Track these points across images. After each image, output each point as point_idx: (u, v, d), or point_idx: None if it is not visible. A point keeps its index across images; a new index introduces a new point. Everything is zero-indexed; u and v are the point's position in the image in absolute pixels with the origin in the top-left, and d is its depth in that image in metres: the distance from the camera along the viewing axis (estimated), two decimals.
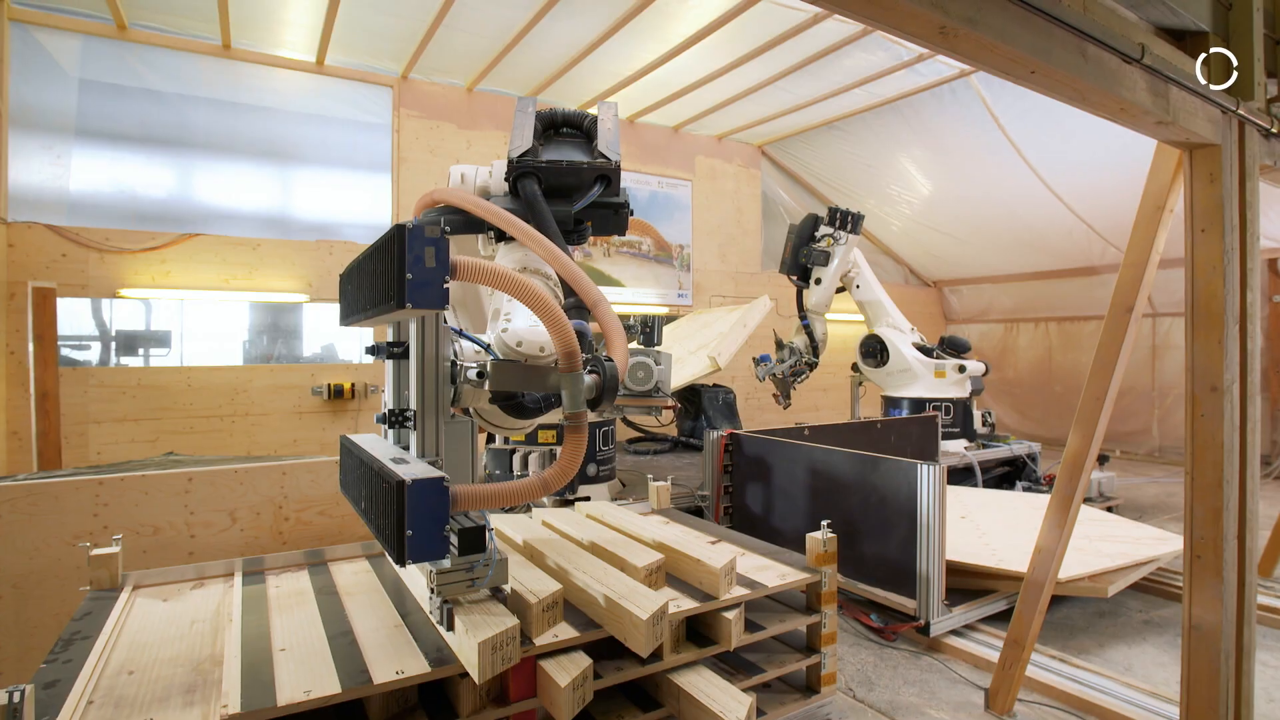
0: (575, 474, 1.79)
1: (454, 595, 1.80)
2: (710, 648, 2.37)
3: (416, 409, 1.90)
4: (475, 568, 1.76)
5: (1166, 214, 2.30)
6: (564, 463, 1.76)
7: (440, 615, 1.78)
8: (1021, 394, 11.03)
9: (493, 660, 1.67)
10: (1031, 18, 1.52)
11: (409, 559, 1.51)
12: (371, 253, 1.75)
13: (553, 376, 1.82)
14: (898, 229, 10.84)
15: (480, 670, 1.65)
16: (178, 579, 2.63)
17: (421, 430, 1.90)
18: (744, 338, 6.51)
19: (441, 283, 1.51)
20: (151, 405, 6.06)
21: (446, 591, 1.77)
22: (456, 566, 1.77)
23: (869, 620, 3.79)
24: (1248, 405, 2.19)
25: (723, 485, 4.83)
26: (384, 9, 6.09)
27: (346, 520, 3.51)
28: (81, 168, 6.04)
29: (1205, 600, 2.19)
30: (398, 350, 1.99)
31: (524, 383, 1.89)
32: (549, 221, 2.23)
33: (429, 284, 1.48)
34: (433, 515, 1.52)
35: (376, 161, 7.45)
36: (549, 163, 2.32)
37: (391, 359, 2.00)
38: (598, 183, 2.36)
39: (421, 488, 1.50)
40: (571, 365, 1.74)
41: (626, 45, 6.74)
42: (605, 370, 1.78)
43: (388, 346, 2.00)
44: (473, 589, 1.79)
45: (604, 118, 2.53)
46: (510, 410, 2.06)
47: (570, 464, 1.76)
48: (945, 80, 7.52)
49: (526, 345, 1.94)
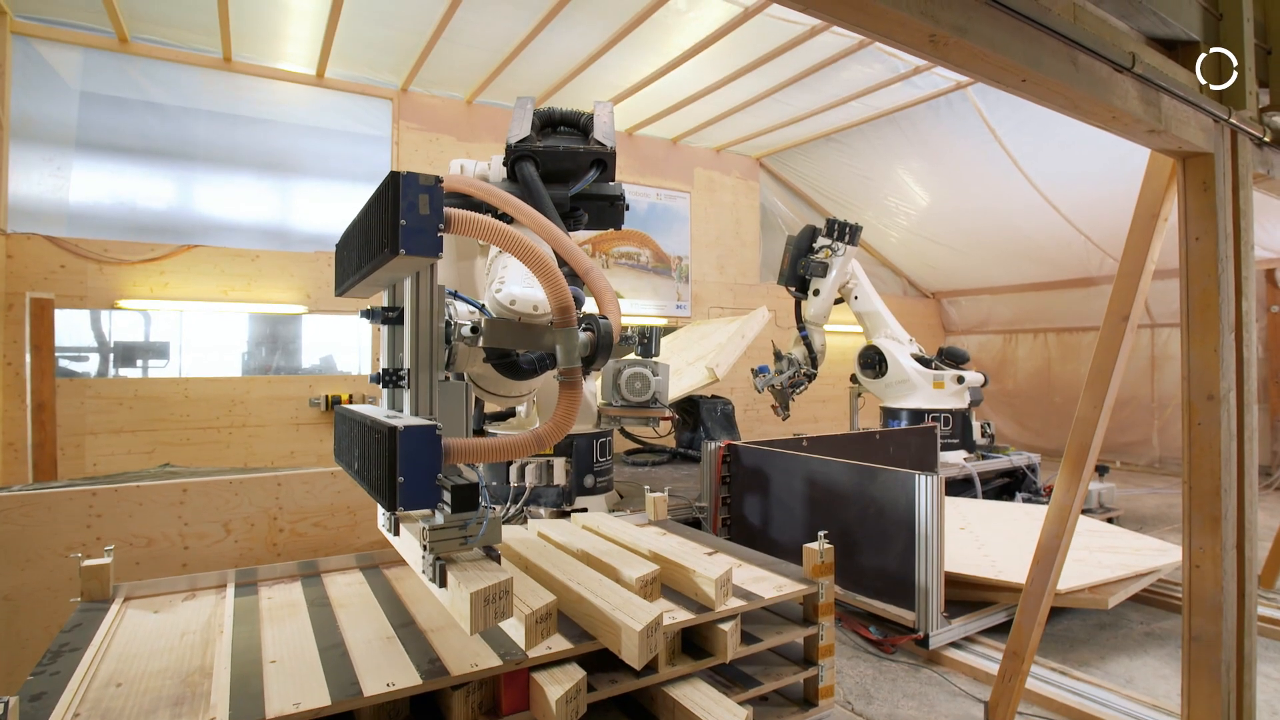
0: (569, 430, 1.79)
1: (446, 552, 1.77)
2: (706, 660, 2.34)
3: (410, 368, 1.88)
4: (468, 525, 1.74)
5: (1161, 222, 2.30)
6: (559, 417, 1.75)
7: (433, 572, 1.76)
8: (1021, 405, 11.01)
9: (485, 613, 1.62)
10: (1021, 26, 1.52)
11: (400, 506, 1.50)
12: (366, 207, 1.74)
13: (547, 334, 1.83)
14: (896, 240, 10.87)
15: (472, 622, 1.60)
16: (169, 590, 2.61)
17: (415, 389, 1.88)
18: (742, 349, 6.50)
19: (435, 230, 1.51)
20: (148, 416, 6.05)
21: (439, 548, 1.74)
22: (449, 524, 1.74)
23: (868, 633, 3.76)
24: (1244, 413, 2.18)
25: (721, 497, 4.81)
26: (384, 22, 6.14)
27: (341, 532, 3.49)
28: (81, 179, 6.06)
29: (1205, 611, 2.17)
30: (392, 315, 1.98)
31: (518, 340, 1.89)
32: (546, 202, 2.27)
33: (422, 230, 1.49)
34: (424, 463, 1.51)
35: (376, 173, 7.47)
36: (546, 147, 2.37)
37: (386, 324, 1.99)
38: (594, 167, 2.41)
39: (413, 434, 1.49)
40: (566, 320, 1.75)
41: (625, 58, 6.78)
42: (599, 327, 1.81)
43: (383, 311, 2.00)
44: (465, 546, 1.77)
45: (600, 112, 2.59)
46: (505, 370, 2.06)
47: (566, 419, 1.76)
48: (941, 93, 7.56)
49: (520, 304, 1.95)
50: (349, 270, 2.00)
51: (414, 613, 2.35)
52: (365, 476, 1.70)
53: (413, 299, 1.85)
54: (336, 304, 7.00)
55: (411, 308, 1.85)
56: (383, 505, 1.63)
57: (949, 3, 1.38)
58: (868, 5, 1.30)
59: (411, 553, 2.00)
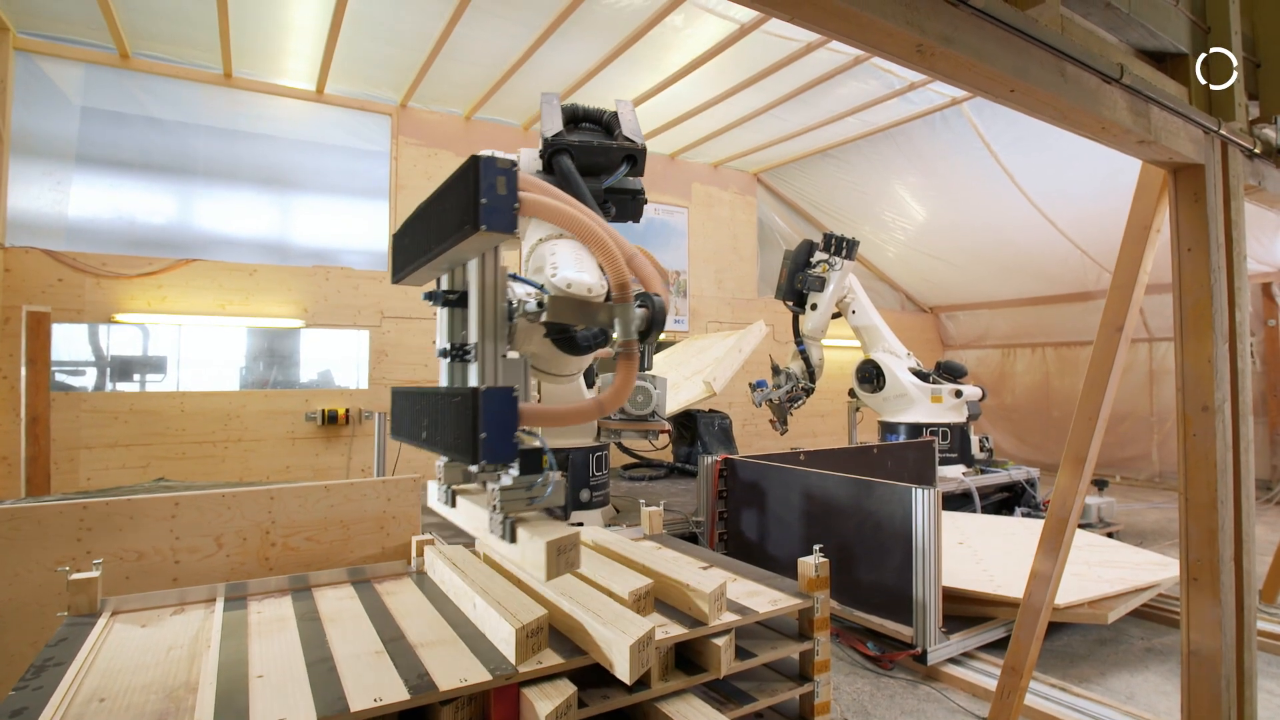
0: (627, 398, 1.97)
1: (514, 511, 1.89)
2: (699, 675, 2.31)
3: (477, 342, 1.99)
4: (534, 486, 1.87)
5: (1153, 234, 2.30)
6: (618, 385, 1.92)
7: (503, 530, 1.87)
8: (1020, 419, 10.99)
9: (558, 562, 1.72)
10: (1009, 37, 1.53)
11: (483, 459, 1.61)
12: (439, 192, 1.84)
13: (603, 311, 1.96)
14: (893, 255, 10.90)
15: (548, 570, 1.70)
16: (158, 604, 2.59)
17: (482, 362, 1.98)
18: (739, 363, 6.50)
19: (511, 208, 1.62)
20: (144, 430, 6.03)
21: (508, 507, 1.86)
22: (517, 484, 1.87)
23: (865, 649, 3.73)
24: (1240, 424, 2.17)
25: (717, 511, 4.79)
26: (383, 39, 6.19)
27: (334, 546, 3.46)
28: (81, 194, 6.09)
29: (1203, 625, 2.15)
30: (453, 297, 2.10)
31: (578, 315, 2.00)
32: (585, 192, 2.37)
33: (501, 209, 1.59)
34: (503, 420, 1.64)
35: (375, 188, 7.51)
36: (582, 142, 2.49)
37: (446, 305, 2.11)
38: (625, 162, 2.53)
39: (493, 394, 1.63)
40: (624, 296, 1.90)
41: (622, 74, 6.83)
42: (654, 304, 1.94)
43: (443, 294, 2.12)
44: (531, 506, 1.90)
45: (623, 111, 2.71)
46: (563, 345, 2.17)
47: (625, 386, 1.92)
48: (937, 108, 7.61)
49: (576, 286, 2.05)
50: (411, 256, 2.11)
51: (404, 627, 2.32)
52: (439, 441, 1.82)
53: (479, 278, 1.97)
54: (335, 318, 7.00)
55: (478, 286, 1.97)
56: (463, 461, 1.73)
57: (935, 13, 1.39)
58: (855, 15, 1.30)
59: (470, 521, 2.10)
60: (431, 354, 7.48)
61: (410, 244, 2.13)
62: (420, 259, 2.01)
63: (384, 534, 3.51)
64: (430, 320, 7.52)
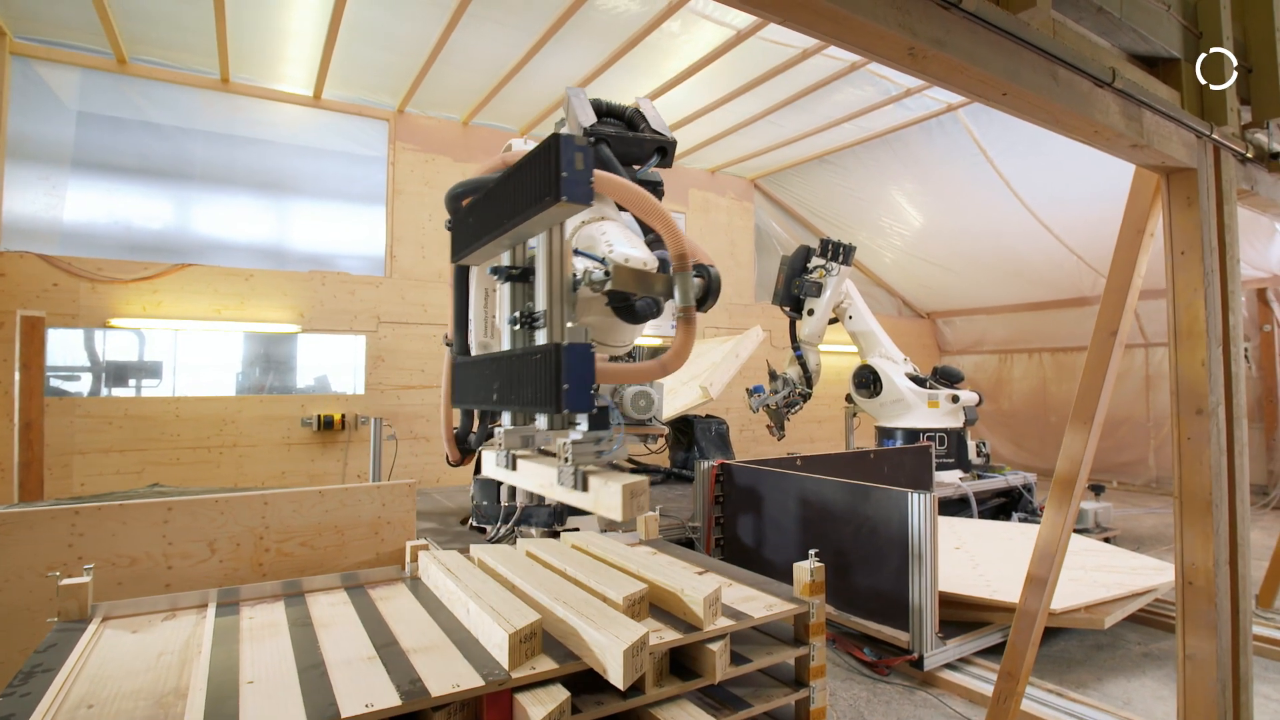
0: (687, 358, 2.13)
1: (584, 463, 2.03)
2: (694, 681, 2.30)
3: (545, 309, 2.13)
4: (601, 441, 2.02)
5: (1147, 238, 2.30)
6: (679, 347, 2.11)
7: (574, 480, 2.01)
8: (1017, 425, 10.99)
9: (631, 505, 1.85)
10: (1000, 41, 1.53)
11: (565, 408, 1.74)
12: (513, 170, 1.97)
13: (660, 281, 2.13)
14: (890, 261, 10.91)
15: (623, 511, 1.84)
16: (149, 610, 2.57)
17: (550, 327, 2.13)
18: (736, 368, 6.49)
19: (588, 182, 1.72)
20: (138, 436, 6.01)
21: (579, 460, 2.00)
22: (586, 439, 2.02)
23: (862, 654, 3.71)
24: (1234, 427, 2.17)
25: (714, 516, 4.77)
26: (381, 45, 6.20)
27: (329, 552, 3.44)
28: (76, 199, 6.08)
29: (1199, 628, 2.14)
30: (515, 272, 2.28)
31: (640, 285, 2.15)
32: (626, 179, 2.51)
33: (580, 182, 1.70)
34: (583, 373, 1.77)
35: (372, 194, 7.51)
36: (618, 133, 2.62)
37: (509, 280, 2.28)
38: (656, 153, 2.67)
39: (574, 349, 1.77)
40: (683, 265, 2.05)
41: (620, 80, 6.84)
42: (710, 274, 2.14)
43: (507, 269, 2.29)
44: (599, 460, 2.03)
45: (646, 108, 2.88)
46: (622, 314, 2.31)
47: (685, 348, 2.11)
48: (933, 115, 7.63)
49: (633, 261, 2.19)
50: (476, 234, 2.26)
51: (397, 633, 2.31)
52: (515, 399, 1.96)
53: (546, 251, 2.12)
54: (331, 323, 6.99)
55: (545, 259, 2.13)
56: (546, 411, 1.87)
57: (927, 16, 1.39)
58: (846, 18, 1.30)
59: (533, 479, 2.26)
60: (429, 359, 7.47)
61: (476, 223, 2.27)
62: (489, 235, 2.14)
63: (379, 539, 3.49)
64: (427, 325, 7.51)
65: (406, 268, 7.52)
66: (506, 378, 2.04)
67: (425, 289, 7.56)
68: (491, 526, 4.36)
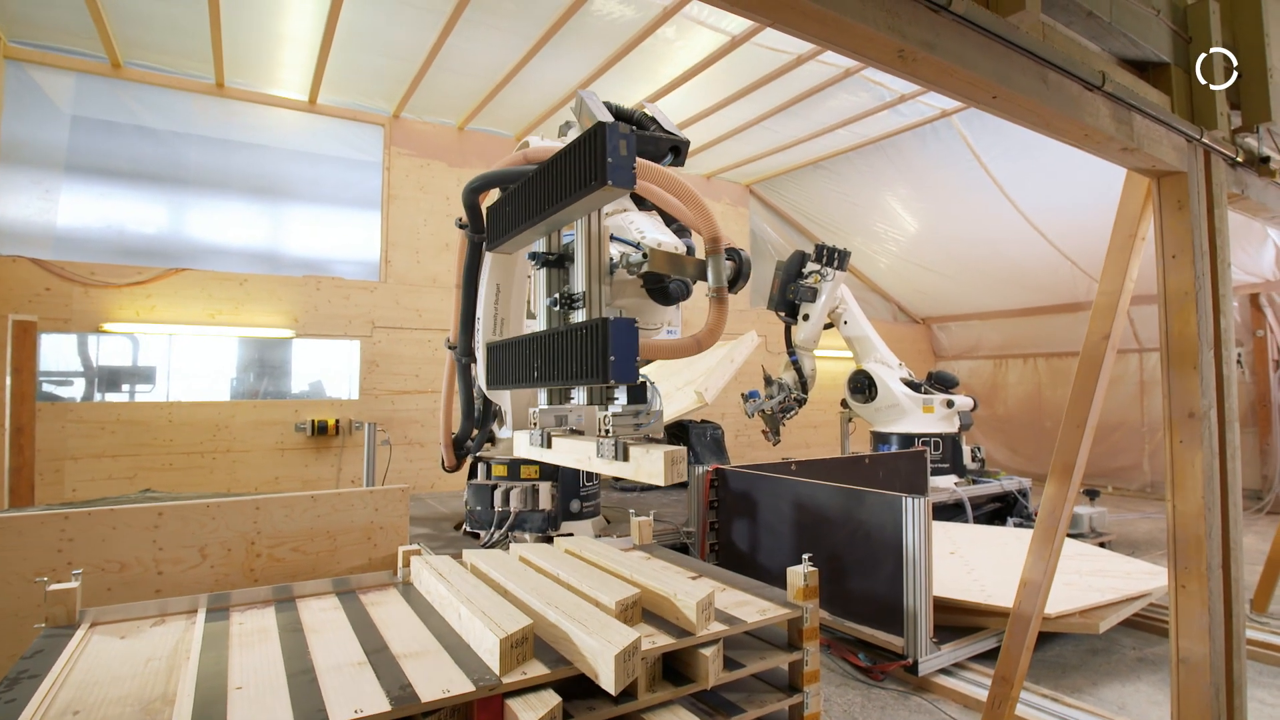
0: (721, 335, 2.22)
1: (624, 435, 2.10)
2: (687, 686, 2.29)
3: (584, 291, 2.22)
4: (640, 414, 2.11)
5: (1139, 241, 2.31)
6: (712, 324, 2.19)
7: (615, 451, 2.06)
8: (1012, 430, 11.01)
9: (671, 471, 1.90)
10: (990, 43, 1.54)
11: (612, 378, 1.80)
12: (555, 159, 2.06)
13: (692, 264, 2.24)
14: (885, 266, 10.94)
15: (665, 476, 1.88)
16: (138, 616, 2.55)
17: (589, 307, 2.22)
18: (731, 373, 6.49)
19: (631, 168, 1.80)
20: (131, 441, 5.98)
21: (619, 432, 2.09)
22: (626, 412, 2.11)
23: (857, 660, 3.70)
24: (1226, 431, 2.17)
25: (708, 521, 4.76)
26: (376, 50, 6.20)
27: (321, 557, 3.42)
28: (70, 203, 6.06)
29: (1192, 632, 2.14)
30: (552, 258, 2.37)
31: (673, 268, 2.27)
32: None
33: (624, 167, 1.79)
34: (628, 345, 1.84)
35: (367, 198, 7.50)
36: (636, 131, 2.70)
37: (545, 266, 2.38)
38: (671, 152, 2.77)
39: (620, 323, 1.83)
40: (716, 248, 2.17)
41: (615, 86, 6.86)
42: (741, 257, 2.23)
43: (544, 255, 2.39)
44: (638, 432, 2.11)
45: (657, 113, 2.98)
46: (656, 296, 2.41)
47: (718, 326, 2.20)
48: (927, 120, 7.66)
49: (666, 246, 2.31)
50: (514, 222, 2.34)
51: (388, 638, 2.29)
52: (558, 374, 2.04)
53: (585, 236, 2.22)
54: (325, 328, 6.97)
55: (584, 243, 2.22)
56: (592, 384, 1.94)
57: (916, 18, 1.39)
58: (836, 20, 1.30)
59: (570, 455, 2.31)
60: (423, 364, 7.46)
61: (513, 211, 2.36)
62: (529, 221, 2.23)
63: (371, 545, 3.47)
64: (421, 330, 7.49)
65: (401, 273, 7.51)
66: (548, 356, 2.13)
67: (420, 294, 7.55)
68: (485, 532, 4.35)
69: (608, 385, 1.91)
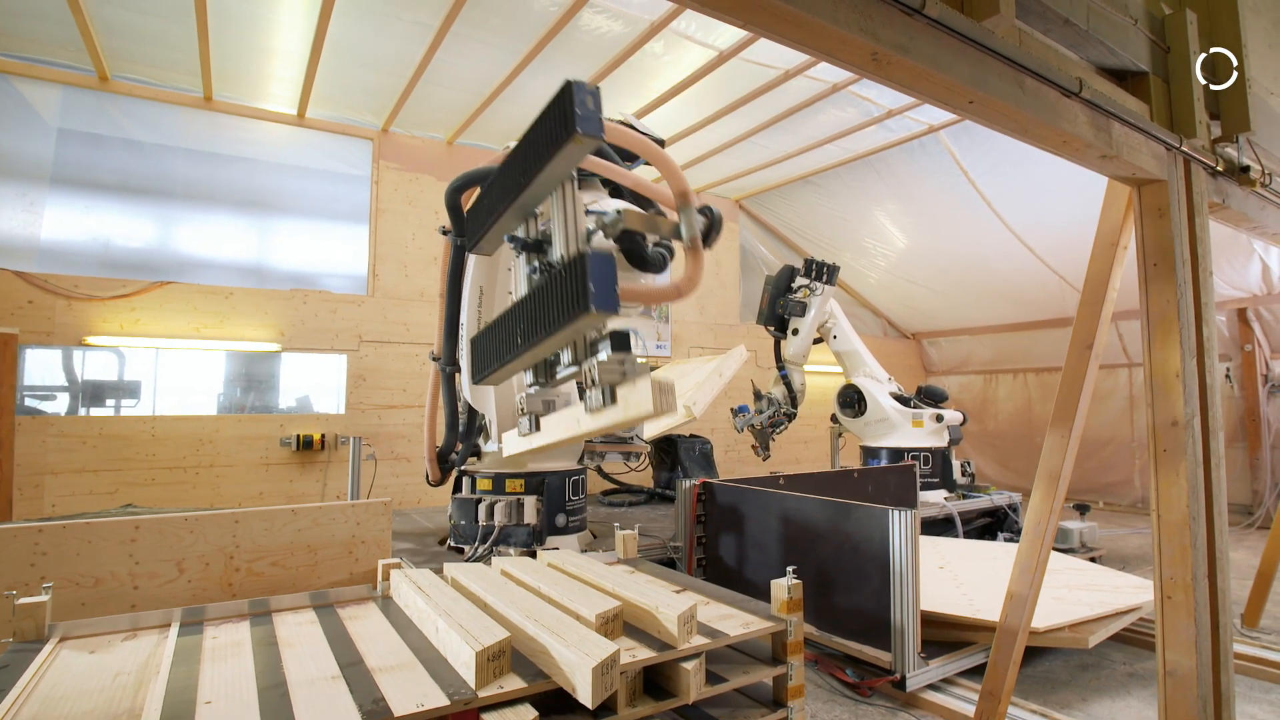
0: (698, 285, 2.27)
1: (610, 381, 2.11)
2: (669, 701, 2.25)
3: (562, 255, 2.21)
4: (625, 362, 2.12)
5: (1120, 250, 2.31)
6: (690, 274, 2.22)
7: (605, 396, 2.09)
8: (1002, 445, 11.01)
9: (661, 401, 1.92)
10: (965, 48, 1.54)
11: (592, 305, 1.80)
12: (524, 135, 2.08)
13: (666, 223, 2.28)
14: (875, 281, 10.98)
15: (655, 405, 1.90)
16: (109, 630, 2.50)
17: None
18: (720, 387, 6.47)
19: (600, 119, 1.84)
20: (112, 456, 5.90)
21: (606, 378, 2.11)
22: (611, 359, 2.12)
23: (844, 675, 3.65)
24: (1210, 440, 2.16)
25: (696, 536, 4.72)
26: (365, 64, 6.22)
27: (301, 571, 3.36)
28: (55, 216, 6.02)
29: (1179, 643, 2.11)
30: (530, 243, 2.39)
31: (648, 226, 2.30)
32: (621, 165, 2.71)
33: (592, 118, 1.81)
34: (607, 275, 1.84)
35: (355, 213, 7.49)
36: None
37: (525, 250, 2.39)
38: None
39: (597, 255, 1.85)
40: (686, 201, 2.22)
41: (604, 100, 6.84)
42: (712, 213, 2.26)
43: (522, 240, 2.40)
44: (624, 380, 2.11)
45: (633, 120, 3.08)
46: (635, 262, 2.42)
47: (695, 275, 2.24)
48: (915, 136, 7.72)
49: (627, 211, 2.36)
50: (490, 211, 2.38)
51: (364, 652, 2.25)
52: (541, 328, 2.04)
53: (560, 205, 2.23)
54: (312, 342, 6.93)
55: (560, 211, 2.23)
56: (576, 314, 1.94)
57: (889, 21, 1.39)
58: (807, 22, 1.30)
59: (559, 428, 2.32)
60: (410, 378, 7.41)
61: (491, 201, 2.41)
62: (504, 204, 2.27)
63: (352, 559, 3.42)
64: (409, 345, 7.45)
65: (389, 287, 7.48)
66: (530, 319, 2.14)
67: (408, 308, 7.51)
68: (470, 547, 4.29)
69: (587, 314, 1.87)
